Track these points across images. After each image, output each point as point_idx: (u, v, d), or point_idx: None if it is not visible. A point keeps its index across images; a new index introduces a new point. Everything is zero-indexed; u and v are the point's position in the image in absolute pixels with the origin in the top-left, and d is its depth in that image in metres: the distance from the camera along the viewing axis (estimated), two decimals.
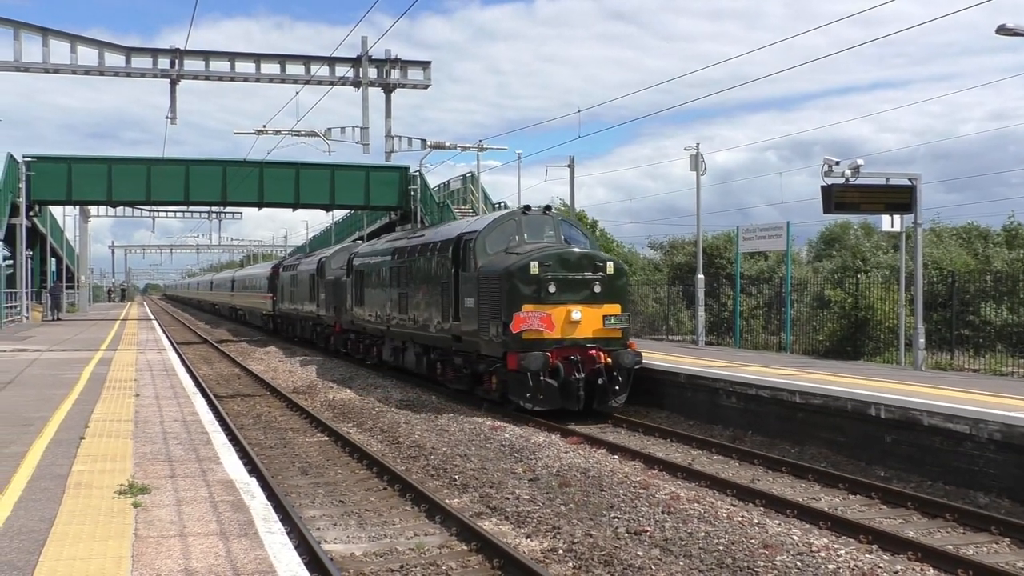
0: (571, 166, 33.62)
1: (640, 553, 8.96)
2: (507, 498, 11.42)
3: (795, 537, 9.43)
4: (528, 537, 9.75)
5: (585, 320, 17.81)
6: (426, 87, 30.77)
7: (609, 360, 17.83)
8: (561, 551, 9.17)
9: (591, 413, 17.90)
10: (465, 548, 9.44)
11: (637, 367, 18.19)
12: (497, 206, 39.08)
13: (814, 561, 8.62)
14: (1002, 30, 19.20)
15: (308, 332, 38.37)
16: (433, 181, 46.23)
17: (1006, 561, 9.02)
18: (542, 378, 17.28)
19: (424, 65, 30.89)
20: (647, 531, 9.72)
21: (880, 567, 8.54)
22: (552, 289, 17.69)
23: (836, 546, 9.22)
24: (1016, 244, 30.69)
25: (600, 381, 17.66)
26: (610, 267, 18.18)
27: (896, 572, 8.45)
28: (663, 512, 10.43)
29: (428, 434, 16.36)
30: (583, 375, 17.56)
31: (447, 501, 11.23)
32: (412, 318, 22.73)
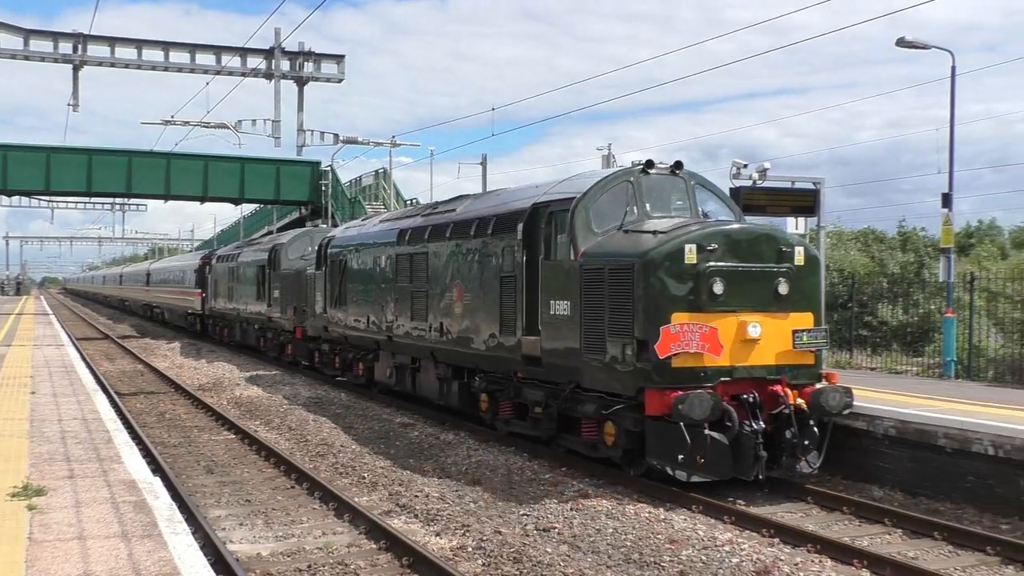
0: (483, 164, 33.68)
1: (549, 550, 9.05)
2: (416, 496, 11.40)
3: (700, 532, 9.68)
4: (438, 535, 9.74)
5: (766, 338, 11.55)
6: (340, 81, 30.46)
7: (802, 400, 11.73)
8: (471, 548, 9.19)
9: (761, 481, 11.55)
10: (374, 546, 9.40)
11: (847, 412, 12.09)
12: (409, 202, 38.90)
13: (718, 555, 8.88)
14: (901, 43, 20.57)
15: (253, 337, 31.91)
16: (345, 176, 45.82)
17: (898, 551, 9.37)
18: (707, 431, 11.16)
19: (338, 59, 30.56)
20: (556, 527, 9.90)
21: (781, 559, 8.81)
22: (719, 289, 11.31)
23: (740, 540, 9.45)
24: (908, 248, 31.85)
25: (788, 434, 11.54)
26: (800, 255, 11.87)
27: (796, 564, 8.69)
28: (571, 509, 10.58)
29: (337, 432, 16.23)
30: (762, 424, 11.49)
31: (356, 499, 11.16)
32: (439, 327, 16.27)
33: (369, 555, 9.15)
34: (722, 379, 11.33)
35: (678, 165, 13.21)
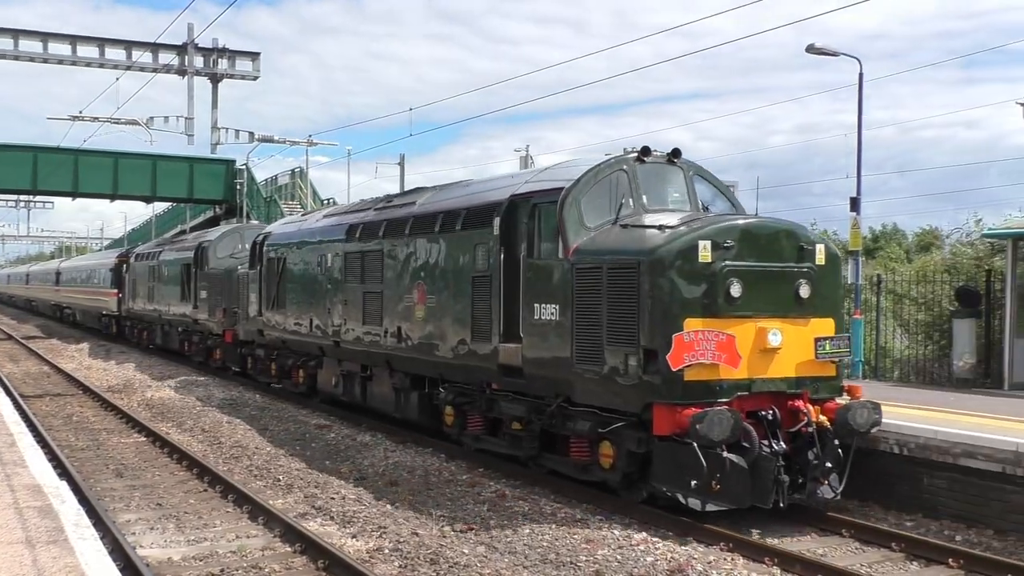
0: (401, 164, 33.48)
1: (466, 551, 9.07)
2: (333, 498, 11.29)
3: (616, 532, 9.80)
4: (354, 537, 9.67)
5: (786, 346, 10.38)
6: (255, 79, 30.02)
7: (825, 418, 10.53)
8: (387, 550, 9.15)
9: (776, 509, 10.22)
10: (289, 549, 9.30)
11: (875, 430, 10.83)
12: (326, 202, 38.52)
13: (633, 554, 9.02)
14: (811, 49, 20.96)
15: (176, 341, 30.06)
16: (261, 175, 45.02)
17: (807, 548, 9.57)
18: (724, 453, 9.85)
19: (253, 56, 30.11)
20: (473, 528, 9.95)
21: (695, 558, 8.95)
22: (736, 291, 10.12)
23: (655, 539, 9.59)
24: None
25: (811, 455, 10.36)
26: (821, 253, 10.75)
27: (709, 562, 8.84)
28: (489, 510, 10.65)
29: (252, 434, 15.97)
30: (782, 445, 10.26)
31: (271, 502, 11.00)
32: (396, 332, 14.93)
33: (284, 558, 9.07)
34: (739, 393, 10.07)
35: (676, 153, 11.94)
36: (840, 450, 10.47)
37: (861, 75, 20.86)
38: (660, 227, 10.53)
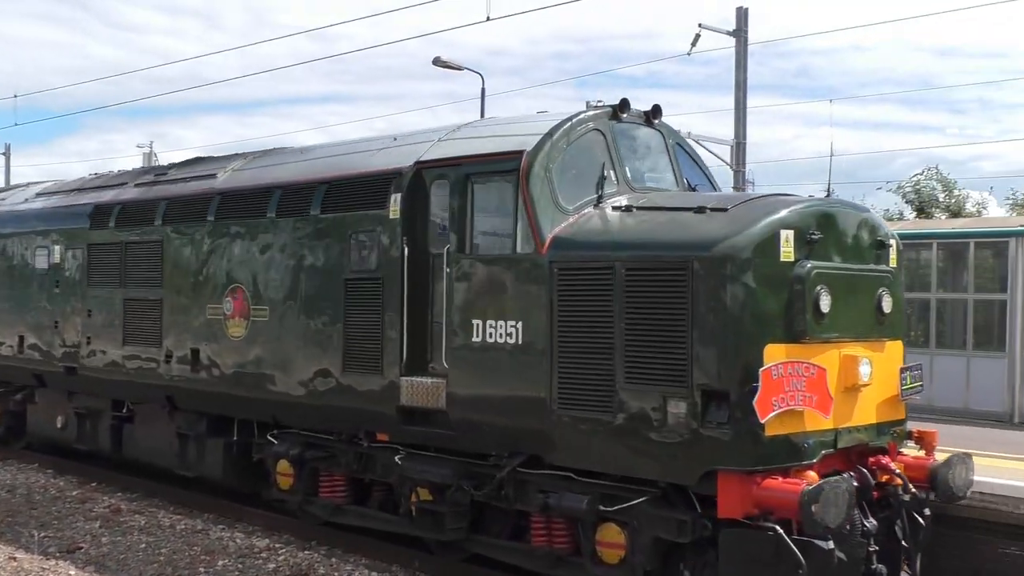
0: (7, 154, 31.46)
1: (72, 572, 8.73)
2: None
3: (238, 541, 9.70)
4: None
5: (873, 381, 7.40)
6: None
7: (918, 477, 7.58)
8: None
9: None
10: None
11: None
12: None
13: (255, 563, 8.97)
14: (437, 62, 22.40)
15: None
16: None
17: None
18: (830, 545, 6.62)
19: None
20: (82, 547, 9.52)
21: (318, 561, 8.96)
22: (826, 305, 6.98)
23: (277, 546, 9.49)
24: None
25: (899, 531, 7.45)
26: (894, 251, 7.84)
27: (332, 564, 8.91)
28: (101, 527, 10.28)
29: None
30: (872, 522, 7.23)
31: None
32: (190, 356, 10.73)
33: None
34: (824, 452, 7.00)
35: (656, 112, 8.69)
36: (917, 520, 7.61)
37: (483, 89, 23.07)
38: (699, 209, 7.20)
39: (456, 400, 8.11)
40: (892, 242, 7.76)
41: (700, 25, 17.90)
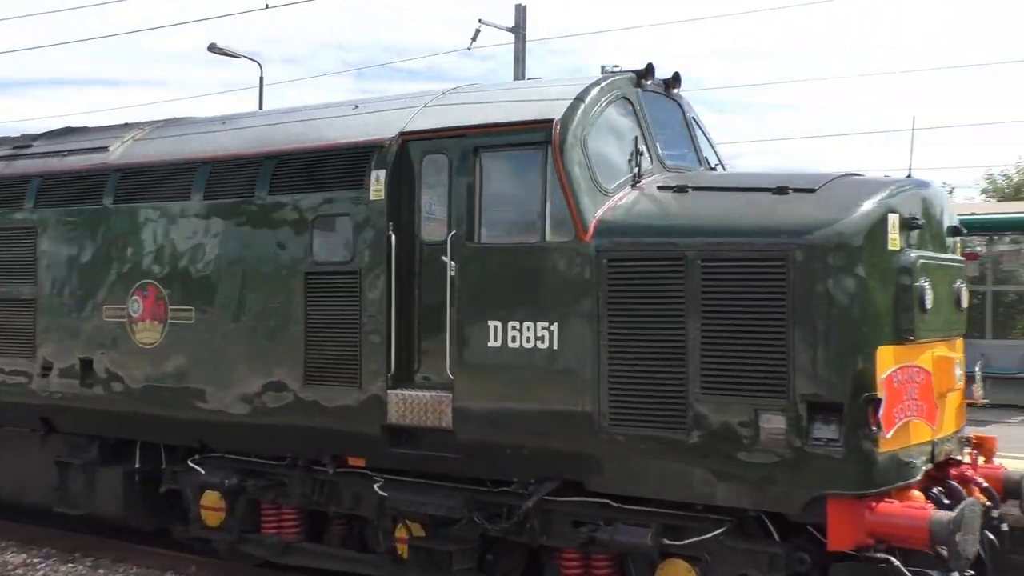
0: None
1: None
2: None
3: None
4: None
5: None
6: None
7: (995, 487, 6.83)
8: None
9: None
10: None
11: None
12: None
13: None
14: (213, 48, 22.71)
15: None
16: None
17: None
18: None
19: None
20: None
21: (83, 574, 8.58)
22: (929, 300, 6.04)
23: (35, 560, 8.97)
24: None
25: (982, 552, 6.40)
26: (959, 240, 7.16)
27: (99, 573, 8.57)
28: None
29: None
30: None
31: None
32: (79, 367, 8.86)
33: None
34: (925, 467, 6.15)
35: (676, 79, 7.59)
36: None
37: (261, 78, 23.24)
38: (779, 189, 6.15)
39: (466, 417, 6.77)
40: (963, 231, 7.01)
41: (480, 21, 18.60)
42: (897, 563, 5.63)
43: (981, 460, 7.10)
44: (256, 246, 7.84)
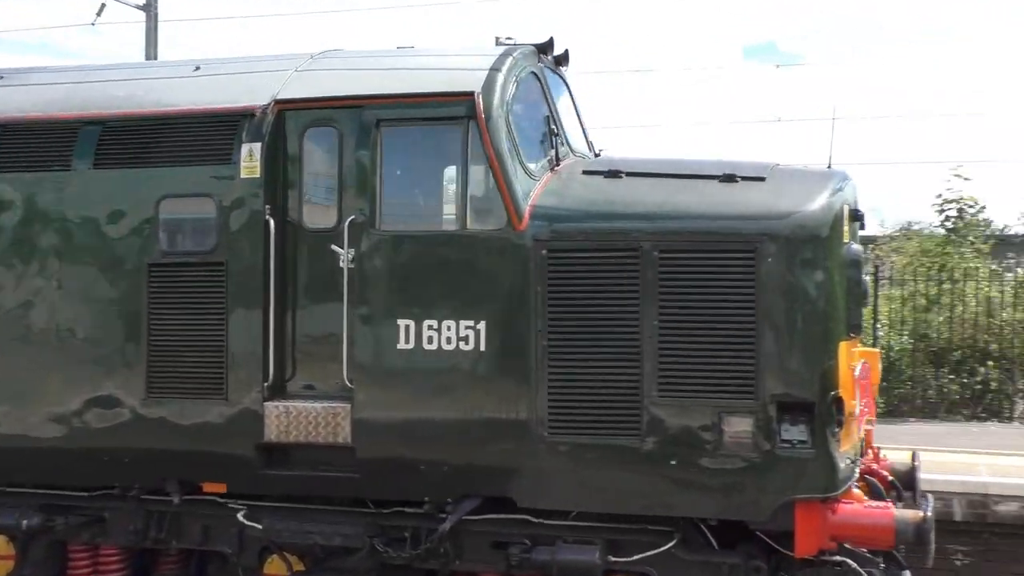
0: None
1: None
2: None
3: None
4: None
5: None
6: None
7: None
8: None
9: None
10: None
11: None
12: None
13: None
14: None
15: None
16: None
17: None
18: None
19: None
20: None
21: None
22: (867, 296, 6.60)
23: None
24: None
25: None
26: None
27: None
28: None
29: None
30: None
31: None
32: None
33: None
34: (856, 466, 5.97)
35: (566, 57, 6.93)
36: None
37: None
38: (727, 177, 5.76)
39: (370, 431, 5.84)
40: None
41: None
42: (855, 565, 5.47)
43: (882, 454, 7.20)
44: (73, 231, 6.36)
